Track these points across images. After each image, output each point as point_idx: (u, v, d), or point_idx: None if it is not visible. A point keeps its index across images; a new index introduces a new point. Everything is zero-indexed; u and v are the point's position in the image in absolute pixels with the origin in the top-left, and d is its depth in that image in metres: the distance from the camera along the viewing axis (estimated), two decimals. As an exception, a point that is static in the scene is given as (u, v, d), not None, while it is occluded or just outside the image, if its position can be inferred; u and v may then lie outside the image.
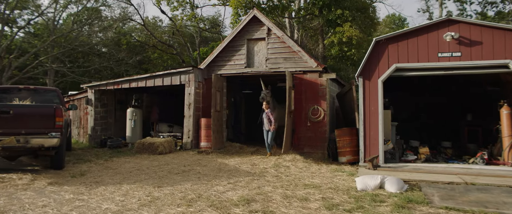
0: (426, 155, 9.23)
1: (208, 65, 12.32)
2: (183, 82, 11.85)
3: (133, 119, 12.83)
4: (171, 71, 12.01)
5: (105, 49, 31.31)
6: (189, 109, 11.73)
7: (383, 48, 8.97)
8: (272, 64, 11.60)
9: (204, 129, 11.62)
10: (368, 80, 9.06)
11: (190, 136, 11.66)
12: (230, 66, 12.20)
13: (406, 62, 8.78)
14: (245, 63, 11.96)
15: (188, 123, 11.72)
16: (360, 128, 9.05)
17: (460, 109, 12.80)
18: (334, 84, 12.98)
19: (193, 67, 11.73)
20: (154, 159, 10.19)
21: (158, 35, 29.58)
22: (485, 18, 26.72)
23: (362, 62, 9.03)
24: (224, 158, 10.42)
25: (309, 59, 11.02)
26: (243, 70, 11.98)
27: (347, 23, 16.72)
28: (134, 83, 12.54)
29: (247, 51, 11.99)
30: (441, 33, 8.50)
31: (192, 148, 11.64)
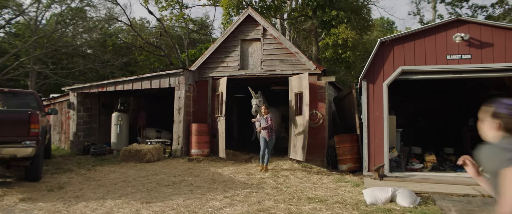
0: (432, 163, 8.71)
1: (200, 67, 11.62)
2: (172, 85, 11.12)
3: (118, 124, 12.02)
4: (159, 73, 11.26)
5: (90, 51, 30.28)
6: (179, 114, 10.99)
7: (388, 50, 8.43)
8: (268, 66, 10.97)
9: (195, 135, 10.90)
10: (372, 83, 8.51)
11: (180, 142, 10.92)
12: (222, 68, 11.51)
13: (412, 65, 8.26)
14: (238, 65, 11.30)
15: (178, 129, 10.98)
16: (364, 135, 8.49)
17: (461, 113, 12.38)
18: (331, 87, 12.42)
19: (184, 69, 11.01)
20: (142, 168, 9.42)
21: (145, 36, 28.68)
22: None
23: (366, 64, 8.47)
24: (217, 166, 9.72)
25: (307, 61, 10.42)
26: (236, 73, 11.32)
27: (342, 24, 16.23)
28: (120, 86, 11.74)
29: (241, 53, 11.34)
30: (450, 34, 8.02)
31: (182, 155, 10.90)
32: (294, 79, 10.34)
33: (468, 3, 27.60)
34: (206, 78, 11.63)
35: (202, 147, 10.91)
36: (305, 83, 9.77)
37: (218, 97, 11.29)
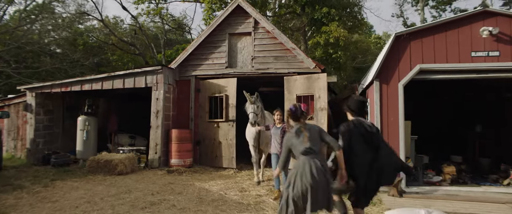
0: (452, 175, 7.64)
1: (181, 64, 10.15)
2: (149, 85, 9.60)
3: (85, 129, 10.35)
4: (134, 70, 9.72)
5: (59, 50, 28.03)
6: (156, 118, 9.48)
7: (404, 46, 7.30)
8: (260, 64, 9.65)
9: (176, 143, 9.42)
10: (386, 84, 7.35)
11: (157, 151, 9.40)
12: (207, 66, 10.10)
13: (431, 63, 7.16)
14: (226, 62, 9.92)
15: (155, 135, 9.46)
16: (376, 143, 7.29)
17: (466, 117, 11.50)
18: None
19: (163, 66, 9.52)
20: (112, 182, 7.86)
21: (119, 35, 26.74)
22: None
23: (379, 62, 7.31)
24: (202, 180, 8.28)
25: (305, 58, 9.18)
26: (223, 71, 9.94)
27: (334, 22, 15.15)
28: (88, 85, 10.10)
29: (229, 48, 9.97)
30: (475, 28, 6.98)
31: (160, 166, 9.38)
32: (298, 80, 9.06)
33: (450, 6, 27.36)
34: (188, 77, 10.19)
35: (184, 156, 9.44)
36: (322, 85, 8.56)
37: (215, 100, 9.94)
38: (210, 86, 9.98)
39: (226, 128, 9.63)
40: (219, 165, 9.71)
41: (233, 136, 9.59)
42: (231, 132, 9.56)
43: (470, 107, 11.48)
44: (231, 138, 9.57)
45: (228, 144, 9.54)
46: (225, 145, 9.62)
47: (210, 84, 9.97)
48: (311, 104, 8.93)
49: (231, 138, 9.58)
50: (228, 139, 9.56)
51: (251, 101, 7.24)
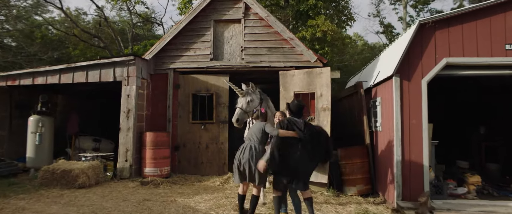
0: (476, 185, 6.67)
1: (157, 55, 8.62)
2: (118, 79, 8.00)
3: (38, 132, 8.55)
4: (100, 61, 8.07)
5: (14, 43, 25.26)
6: (127, 119, 7.90)
7: (428, 36, 6.23)
8: (251, 56, 8.32)
9: (151, 148, 7.89)
10: (407, 80, 6.23)
11: (128, 158, 7.84)
12: (188, 58, 8.63)
13: (460, 56, 6.12)
14: (210, 54, 8.50)
15: (126, 139, 7.88)
16: (396, 150, 6.18)
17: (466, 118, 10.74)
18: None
19: (135, 56, 7.95)
20: (71, 199, 6.26)
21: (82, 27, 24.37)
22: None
23: (400, 55, 6.17)
24: (185, 194, 6.84)
25: (306, 50, 7.95)
26: (207, 64, 8.51)
27: (321, 16, 14.06)
28: (41, 78, 8.33)
29: (214, 38, 8.56)
30: (510, 17, 6.01)
31: (131, 176, 7.83)
32: (296, 75, 7.79)
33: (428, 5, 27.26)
34: (165, 70, 8.67)
35: (160, 164, 7.93)
36: (324, 81, 7.35)
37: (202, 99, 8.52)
38: (194, 82, 8.53)
39: (216, 130, 8.25)
40: (205, 173, 8.33)
41: (225, 138, 8.33)
42: (222, 134, 8.24)
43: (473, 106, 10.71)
44: (222, 141, 8.27)
45: (219, 148, 8.19)
46: (214, 150, 8.26)
47: (193, 80, 8.53)
48: (312, 103, 7.72)
49: (223, 141, 8.29)
50: (219, 142, 8.19)
51: (242, 94, 5.72)
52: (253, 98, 5.70)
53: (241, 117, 5.56)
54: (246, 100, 5.64)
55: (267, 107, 5.77)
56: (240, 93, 5.73)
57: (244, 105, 5.60)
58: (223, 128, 8.37)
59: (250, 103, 5.65)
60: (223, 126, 8.39)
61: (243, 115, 5.58)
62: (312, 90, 7.60)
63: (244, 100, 5.64)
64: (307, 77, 7.66)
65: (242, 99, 5.66)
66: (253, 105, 5.66)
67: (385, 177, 6.81)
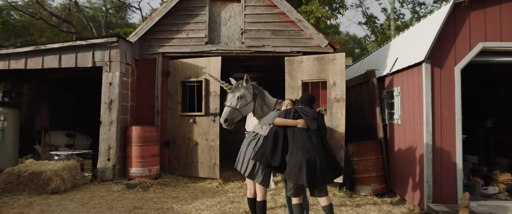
0: (506, 184, 6.09)
1: (143, 38, 7.49)
2: (98, 64, 6.84)
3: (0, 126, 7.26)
4: (76, 42, 6.86)
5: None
6: (109, 111, 6.78)
7: (462, 17, 5.51)
8: (252, 40, 7.36)
9: (137, 145, 6.82)
10: (438, 67, 5.50)
11: (111, 156, 6.73)
12: (180, 41, 7.56)
13: (497, 41, 5.45)
14: (205, 36, 7.47)
15: (108, 135, 6.76)
16: (426, 146, 5.45)
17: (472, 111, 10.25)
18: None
19: (119, 38, 6.79)
20: (43, 209, 5.15)
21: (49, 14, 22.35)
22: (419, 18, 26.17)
23: (431, 39, 5.41)
24: (181, 198, 5.86)
25: (315, 34, 7.08)
26: (202, 49, 7.48)
27: (314, 1, 13.24)
28: (3, 63, 7.03)
29: (210, 18, 7.52)
30: (554, -4, 5.39)
31: (115, 177, 6.74)
32: (305, 62, 6.89)
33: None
34: (153, 55, 7.57)
35: (149, 163, 6.89)
36: (338, 68, 6.51)
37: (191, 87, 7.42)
38: (183, 67, 7.47)
39: (206, 124, 7.22)
40: (195, 174, 7.30)
41: (216, 134, 7.18)
42: (213, 129, 7.17)
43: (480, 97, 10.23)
44: (213, 138, 7.17)
45: (209, 146, 7.15)
46: (204, 147, 7.22)
47: (183, 65, 7.46)
48: (323, 93, 6.89)
49: (214, 138, 7.17)
50: (209, 139, 7.17)
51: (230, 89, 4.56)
52: (244, 93, 4.54)
53: (231, 116, 4.44)
54: (236, 97, 4.51)
55: (263, 103, 4.80)
56: (228, 88, 4.66)
57: (233, 103, 4.49)
58: (214, 121, 7.25)
59: (240, 99, 4.53)
60: (214, 119, 7.26)
61: (233, 114, 4.45)
62: (324, 79, 6.75)
63: (233, 97, 4.53)
64: (317, 64, 6.79)
65: (231, 95, 4.55)
66: (244, 102, 4.62)
67: (406, 175, 6.11)
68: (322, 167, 3.79)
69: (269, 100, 4.83)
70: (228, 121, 4.42)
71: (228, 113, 4.40)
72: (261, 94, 4.81)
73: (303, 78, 6.94)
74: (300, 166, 3.75)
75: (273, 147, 3.97)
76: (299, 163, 3.75)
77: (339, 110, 6.61)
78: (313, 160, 3.76)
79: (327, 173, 3.84)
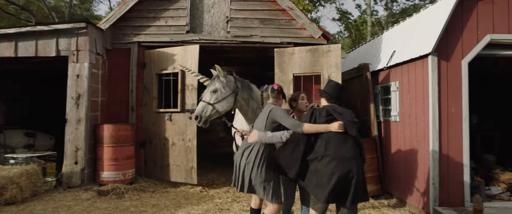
0: (507, 183, 5.85)
1: (116, 25, 6.65)
2: (64, 53, 5.95)
3: None
4: (36, 27, 5.91)
5: None
6: (77, 107, 5.92)
7: (470, 7, 5.15)
8: (239, 29, 6.71)
9: (110, 146, 6.02)
10: (445, 60, 5.12)
11: (79, 159, 5.89)
12: (158, 29, 6.78)
13: (504, 33, 5.14)
14: (186, 24, 6.74)
15: (76, 135, 5.91)
16: (431, 145, 5.07)
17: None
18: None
19: (88, 23, 5.93)
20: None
21: None
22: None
23: (439, 30, 5.01)
24: (162, 207, 5.16)
25: (308, 23, 6.54)
26: (183, 38, 6.74)
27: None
28: None
29: (191, 5, 6.79)
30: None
31: (84, 183, 5.90)
32: (296, 54, 6.35)
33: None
34: (127, 44, 6.75)
35: (123, 166, 6.10)
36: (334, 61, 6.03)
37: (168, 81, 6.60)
38: (159, 58, 6.70)
39: (183, 121, 6.47)
40: (170, 179, 6.52)
41: (193, 134, 6.37)
42: (190, 128, 6.40)
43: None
44: (190, 138, 6.37)
45: (186, 147, 6.38)
46: (180, 148, 6.45)
47: (159, 55, 6.69)
48: (315, 88, 6.38)
49: (191, 138, 6.37)
50: (186, 138, 6.41)
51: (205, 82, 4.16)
52: (218, 87, 3.97)
53: (205, 113, 3.88)
54: (210, 90, 3.97)
55: (249, 97, 4.22)
56: (204, 81, 4.03)
57: (207, 97, 3.94)
58: (191, 119, 6.39)
59: (214, 94, 3.96)
60: (190, 116, 6.42)
61: (208, 111, 3.91)
62: (317, 72, 6.24)
63: (208, 91, 3.98)
64: (310, 56, 6.27)
65: (206, 89, 4.02)
66: (220, 96, 4.02)
67: (406, 176, 5.72)
68: (358, 184, 3.15)
69: (257, 94, 4.24)
70: (200, 118, 3.83)
71: (200, 109, 3.81)
72: (247, 88, 4.20)
73: (295, 71, 6.39)
74: (330, 178, 3.11)
75: (293, 154, 3.33)
76: (330, 174, 3.11)
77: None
78: (349, 174, 3.11)
79: (361, 191, 3.19)
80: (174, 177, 6.46)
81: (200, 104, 3.92)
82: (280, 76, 6.48)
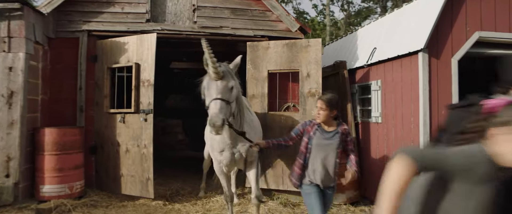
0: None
1: (60, 9, 5.57)
2: (-9, 41, 4.82)
3: None
4: (-46, 8, 4.72)
5: None
6: (9, 107, 4.82)
7: (458, 3, 4.88)
8: (207, 19, 5.95)
9: (53, 154, 4.99)
10: (436, 58, 4.81)
11: (12, 171, 4.79)
12: (112, 16, 5.81)
13: (491, 30, 4.94)
14: (146, 12, 5.85)
15: (7, 141, 4.81)
16: (422, 149, 4.72)
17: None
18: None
19: (23, 4, 4.84)
20: None
21: None
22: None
23: (431, 25, 4.67)
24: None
25: (285, 15, 5.96)
26: (142, 28, 5.84)
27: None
28: None
29: (153, -10, 5.91)
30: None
31: (18, 200, 4.82)
32: (272, 48, 5.73)
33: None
34: (75, 33, 5.69)
35: (70, 178, 5.10)
36: (313, 57, 5.47)
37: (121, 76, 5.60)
38: (112, 49, 5.74)
39: (137, 124, 5.53)
40: (124, 191, 5.57)
41: (149, 139, 5.39)
42: (146, 131, 5.43)
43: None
44: (146, 144, 5.40)
45: (141, 154, 5.44)
46: (135, 156, 5.49)
47: (112, 45, 5.72)
48: (293, 87, 5.84)
49: (147, 144, 5.40)
50: (141, 144, 5.47)
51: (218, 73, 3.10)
52: (235, 84, 3.27)
53: (227, 115, 3.09)
54: (229, 87, 3.17)
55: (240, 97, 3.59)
56: (216, 73, 3.26)
57: (226, 94, 3.11)
58: (146, 121, 5.43)
59: (233, 92, 3.21)
60: (145, 117, 5.45)
61: (228, 113, 3.11)
62: (295, 69, 5.68)
63: (225, 86, 3.12)
64: (287, 51, 5.69)
65: (221, 84, 3.12)
66: (233, 96, 3.23)
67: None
68: None
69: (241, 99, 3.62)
70: (226, 123, 3.05)
71: (224, 110, 3.04)
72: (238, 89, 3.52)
73: (270, 68, 5.78)
74: None
75: None
76: None
77: (314, 106, 5.59)
78: None
79: None
80: (128, 190, 5.53)
81: (220, 104, 3.00)
82: (253, 73, 5.84)
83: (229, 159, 3.80)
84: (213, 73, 3.08)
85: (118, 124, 5.66)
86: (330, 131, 3.25)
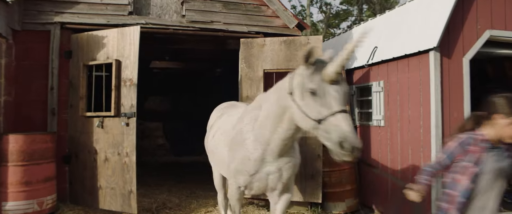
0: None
1: None
2: None
3: None
4: None
5: None
6: (-34, 109, 4.09)
7: (469, 1, 4.60)
8: (197, 13, 5.42)
9: (18, 164, 4.30)
10: (447, 57, 4.50)
11: (-30, 185, 4.07)
12: (89, 7, 5.15)
13: (502, 29, 4.71)
14: (129, 4, 5.24)
15: (-37, 150, 4.07)
16: (433, 154, 4.40)
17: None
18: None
19: (-16, -10, 4.14)
20: None
21: None
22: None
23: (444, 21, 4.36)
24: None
25: (282, 10, 5.52)
26: (124, 21, 5.22)
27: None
28: None
29: (135, -21, 5.31)
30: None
31: (-23, 219, 4.10)
32: (268, 46, 5.26)
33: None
34: (46, 26, 4.99)
35: (39, 192, 4.42)
36: (316, 54, 4.94)
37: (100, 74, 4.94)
38: (89, 44, 5.08)
39: (118, 129, 4.88)
40: (102, 206, 4.92)
41: (132, 146, 4.76)
42: (128, 138, 4.78)
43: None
44: (128, 152, 4.77)
45: (122, 163, 4.80)
46: (116, 165, 4.82)
47: (89, 40, 5.06)
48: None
49: (129, 152, 4.77)
50: (123, 152, 4.83)
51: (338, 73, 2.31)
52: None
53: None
54: (345, 93, 2.40)
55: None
56: (338, 72, 2.31)
57: (344, 106, 2.35)
58: (129, 126, 4.80)
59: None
60: (127, 122, 4.82)
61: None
62: (294, 68, 5.23)
63: (345, 93, 2.37)
64: (285, 49, 5.26)
65: (341, 89, 2.35)
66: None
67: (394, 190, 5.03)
68: None
69: None
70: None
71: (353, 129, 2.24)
72: None
73: (266, 67, 5.32)
74: None
75: None
76: None
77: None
78: None
79: None
80: (107, 204, 4.88)
81: (348, 119, 2.25)
82: (247, 73, 5.36)
83: (265, 182, 2.96)
84: (333, 72, 2.27)
85: (95, 129, 5.01)
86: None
